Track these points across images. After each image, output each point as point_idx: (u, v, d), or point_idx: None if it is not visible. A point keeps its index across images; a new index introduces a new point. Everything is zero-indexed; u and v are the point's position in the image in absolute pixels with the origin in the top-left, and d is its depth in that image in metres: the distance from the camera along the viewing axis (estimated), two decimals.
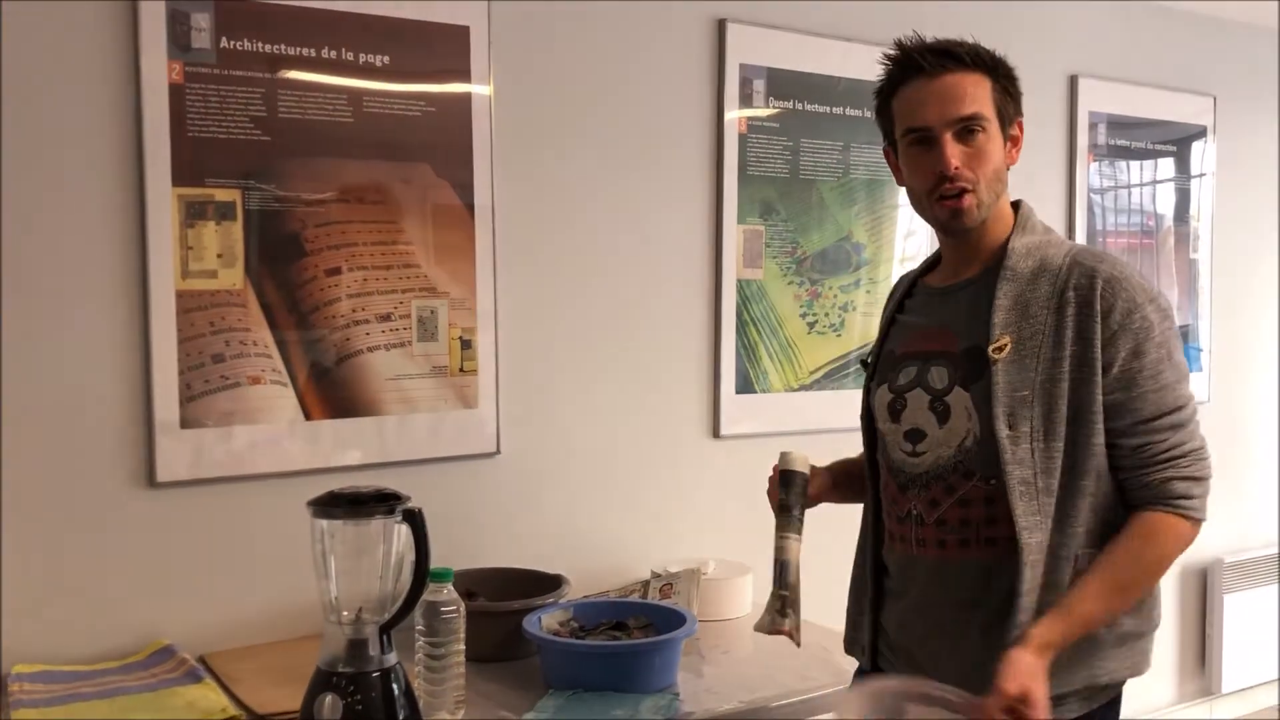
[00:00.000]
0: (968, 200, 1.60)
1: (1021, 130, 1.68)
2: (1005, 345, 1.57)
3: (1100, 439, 1.56)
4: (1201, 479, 1.56)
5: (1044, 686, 1.46)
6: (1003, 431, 1.55)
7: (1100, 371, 1.54)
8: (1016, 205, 1.70)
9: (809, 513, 1.77)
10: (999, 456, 1.56)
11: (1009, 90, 1.65)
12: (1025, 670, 1.45)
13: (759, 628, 1.70)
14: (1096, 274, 1.55)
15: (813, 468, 1.81)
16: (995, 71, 1.63)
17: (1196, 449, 1.56)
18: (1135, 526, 1.55)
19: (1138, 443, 1.55)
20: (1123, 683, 1.64)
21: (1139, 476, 1.56)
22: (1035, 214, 1.70)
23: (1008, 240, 1.65)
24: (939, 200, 1.62)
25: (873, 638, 1.79)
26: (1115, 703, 1.65)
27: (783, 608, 1.64)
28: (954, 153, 1.58)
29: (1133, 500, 1.58)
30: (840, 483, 1.85)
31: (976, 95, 1.59)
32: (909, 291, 1.81)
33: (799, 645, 1.72)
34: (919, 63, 1.61)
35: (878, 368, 1.78)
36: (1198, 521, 1.56)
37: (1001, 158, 1.63)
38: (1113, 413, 1.56)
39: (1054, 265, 1.59)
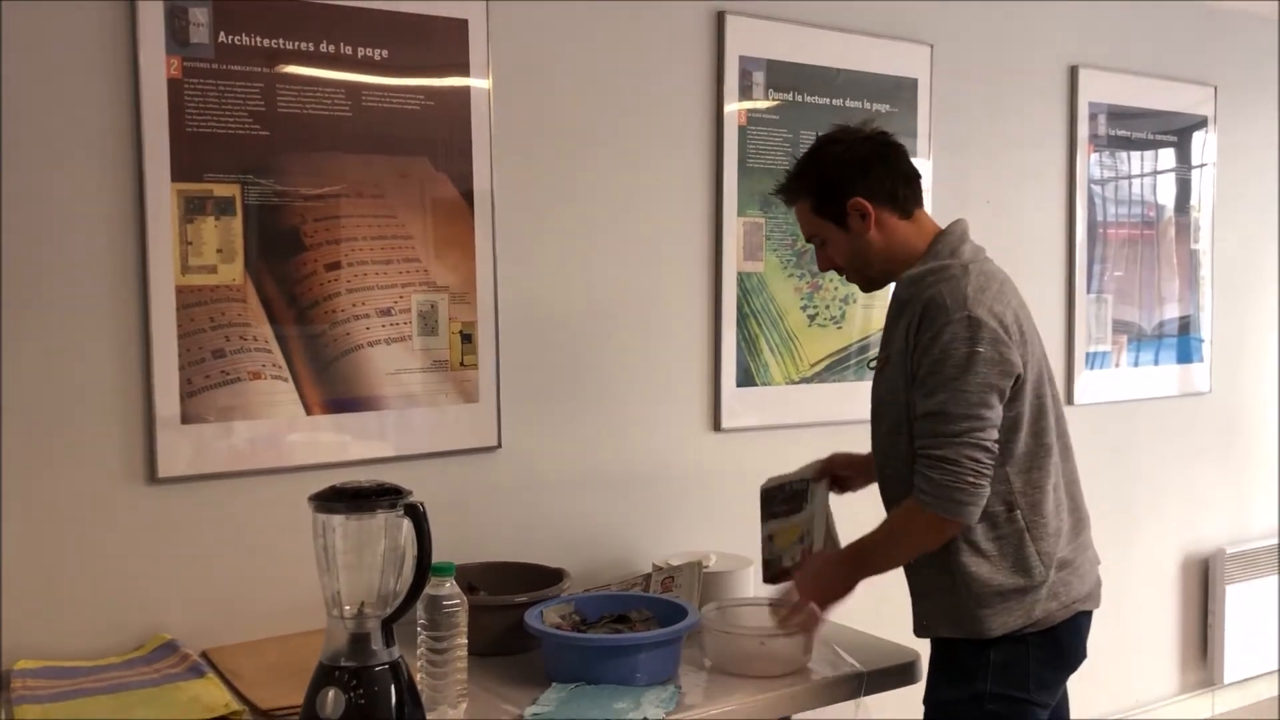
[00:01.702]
0: (847, 278, 2.03)
1: (866, 200, 1.90)
2: (881, 360, 1.95)
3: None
4: (936, 481, 1.76)
5: (816, 589, 1.92)
6: (872, 428, 1.97)
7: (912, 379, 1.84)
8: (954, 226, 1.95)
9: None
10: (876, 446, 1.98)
11: (824, 191, 1.93)
12: (804, 578, 1.96)
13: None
14: (918, 299, 1.83)
15: (836, 456, 2.20)
16: (807, 184, 1.95)
17: (944, 456, 1.76)
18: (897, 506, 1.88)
19: (914, 433, 1.83)
20: (1013, 636, 1.84)
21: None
22: (956, 236, 1.91)
23: None
24: None
25: None
26: (999, 645, 1.85)
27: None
28: (819, 258, 2.03)
29: None
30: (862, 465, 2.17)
31: (804, 219, 1.99)
32: None
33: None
34: None
35: None
36: (933, 513, 1.77)
37: (848, 245, 1.94)
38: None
39: (916, 291, 1.85)
